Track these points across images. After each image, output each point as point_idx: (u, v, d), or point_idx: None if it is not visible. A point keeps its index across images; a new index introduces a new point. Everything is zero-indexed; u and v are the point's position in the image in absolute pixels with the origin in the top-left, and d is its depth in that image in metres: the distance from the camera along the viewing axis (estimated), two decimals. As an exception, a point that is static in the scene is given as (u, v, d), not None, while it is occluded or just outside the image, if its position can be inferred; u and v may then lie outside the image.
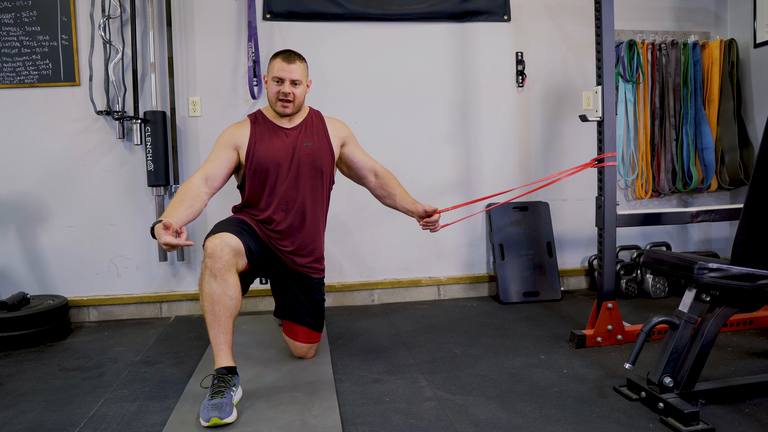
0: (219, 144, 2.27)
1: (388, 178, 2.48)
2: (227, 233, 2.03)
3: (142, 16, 3.09)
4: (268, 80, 2.28)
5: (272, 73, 2.23)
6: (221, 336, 1.98)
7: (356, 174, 2.50)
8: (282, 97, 2.22)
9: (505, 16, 3.38)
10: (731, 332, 2.61)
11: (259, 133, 2.26)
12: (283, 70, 2.21)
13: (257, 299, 3.25)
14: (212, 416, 1.76)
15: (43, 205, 3.09)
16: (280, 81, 2.22)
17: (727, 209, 2.68)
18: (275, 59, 2.24)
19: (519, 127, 3.45)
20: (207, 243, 2.00)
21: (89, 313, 3.14)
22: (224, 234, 2.02)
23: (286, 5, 3.18)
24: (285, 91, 2.21)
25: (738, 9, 3.57)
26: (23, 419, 1.91)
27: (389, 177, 2.49)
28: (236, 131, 2.28)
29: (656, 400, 1.81)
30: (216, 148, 2.26)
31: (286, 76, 2.21)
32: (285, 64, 2.21)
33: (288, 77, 2.21)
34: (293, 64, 2.22)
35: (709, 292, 1.82)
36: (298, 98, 2.25)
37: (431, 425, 1.79)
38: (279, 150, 2.25)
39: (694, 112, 3.52)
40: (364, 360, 2.39)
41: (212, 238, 2.00)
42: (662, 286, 3.30)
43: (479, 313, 3.07)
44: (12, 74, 3.01)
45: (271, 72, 2.25)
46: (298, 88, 2.24)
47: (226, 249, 1.98)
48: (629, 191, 3.59)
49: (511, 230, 3.38)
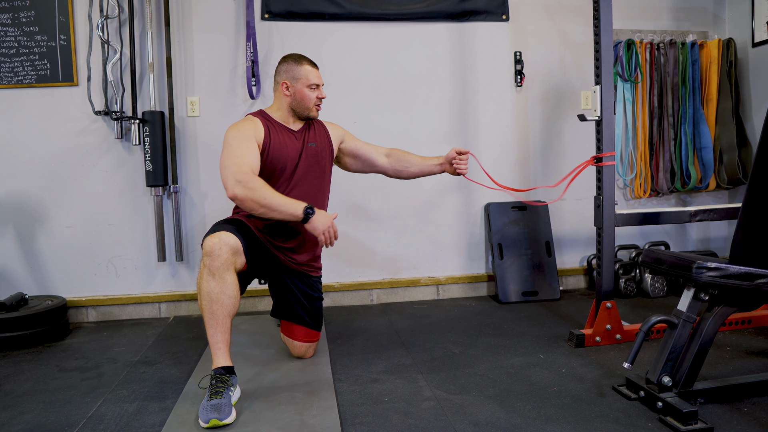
0: (243, 136, 2.19)
1: (398, 152, 2.57)
2: (226, 232, 2.03)
3: (140, 16, 3.08)
4: (296, 87, 2.29)
5: (308, 81, 2.30)
6: (219, 335, 1.98)
7: (367, 161, 2.56)
8: (319, 102, 2.35)
9: (504, 16, 3.38)
10: (730, 331, 2.62)
11: (273, 133, 2.28)
12: (318, 77, 2.34)
13: (256, 299, 3.25)
14: (211, 417, 1.76)
15: (42, 205, 3.08)
16: (316, 87, 2.32)
17: (726, 208, 2.69)
18: (303, 65, 2.30)
19: (518, 126, 3.45)
20: (205, 242, 2.00)
21: (88, 313, 3.14)
22: (223, 233, 2.02)
23: (284, 5, 3.18)
24: (322, 96, 2.35)
25: (736, 8, 3.57)
26: (22, 420, 1.90)
27: (399, 151, 2.58)
28: (255, 127, 2.25)
29: (655, 400, 1.81)
30: (241, 140, 2.17)
31: (321, 82, 2.35)
32: (316, 70, 2.34)
33: (321, 82, 2.35)
34: (318, 70, 2.35)
35: (707, 292, 1.83)
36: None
37: (430, 425, 1.79)
38: (291, 150, 2.29)
39: (693, 111, 3.52)
40: (363, 360, 2.39)
41: (211, 237, 2.00)
42: (661, 285, 3.30)
43: (478, 313, 3.07)
44: (10, 74, 3.01)
45: (302, 79, 2.29)
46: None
47: (224, 248, 1.98)
48: (628, 191, 3.60)
49: (510, 230, 3.38)
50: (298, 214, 2.05)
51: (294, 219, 2.06)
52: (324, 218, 2.09)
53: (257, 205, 2.02)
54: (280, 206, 2.04)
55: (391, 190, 3.33)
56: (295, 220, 2.07)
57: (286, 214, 2.05)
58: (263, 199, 2.02)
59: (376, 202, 3.34)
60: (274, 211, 2.04)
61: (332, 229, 2.11)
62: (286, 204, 2.05)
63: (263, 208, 2.03)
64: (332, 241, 2.12)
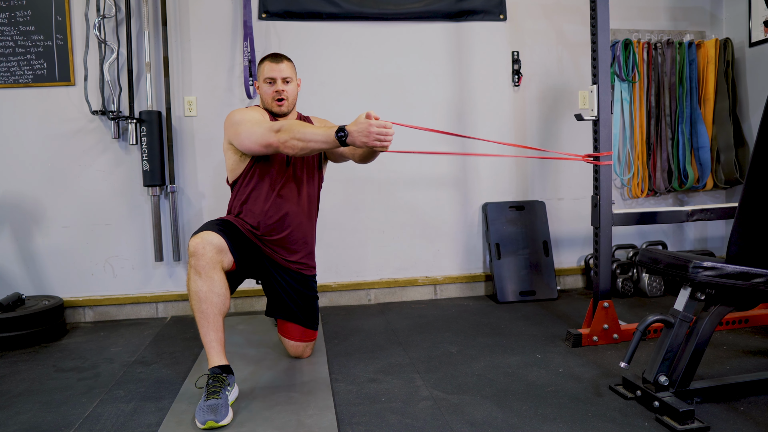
0: (254, 111, 2.25)
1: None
2: (209, 231, 2.05)
3: (137, 16, 3.08)
4: (260, 85, 2.34)
5: (263, 76, 2.31)
6: (211, 334, 1.98)
7: (339, 155, 2.43)
8: (277, 96, 2.29)
9: (501, 16, 3.38)
10: (726, 331, 2.62)
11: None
12: (273, 70, 2.29)
13: (253, 299, 3.24)
14: (208, 419, 1.76)
15: (38, 205, 3.08)
16: (272, 81, 2.29)
17: (723, 208, 2.69)
18: (263, 63, 2.33)
19: (515, 126, 3.45)
20: (190, 243, 2.02)
21: (85, 313, 3.14)
22: (205, 233, 2.03)
23: (281, 5, 3.18)
24: (279, 89, 2.29)
25: (733, 8, 3.58)
26: (18, 420, 1.90)
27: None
28: (262, 113, 2.29)
29: (651, 399, 1.81)
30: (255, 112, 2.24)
31: (277, 75, 2.29)
32: (274, 64, 2.30)
33: (279, 76, 2.29)
34: (281, 64, 2.31)
35: (704, 291, 1.83)
36: (291, 96, 2.33)
37: (427, 425, 1.79)
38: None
39: (690, 111, 3.53)
40: (360, 359, 2.39)
41: (194, 237, 2.03)
42: (658, 284, 3.30)
43: (475, 313, 3.07)
44: (6, 74, 3.00)
45: (261, 75, 2.32)
46: (289, 86, 2.32)
47: (208, 246, 1.99)
48: (625, 190, 3.60)
49: (508, 229, 3.38)
50: (332, 140, 1.94)
51: (333, 146, 1.98)
52: (361, 126, 1.88)
53: (298, 140, 2.00)
54: (316, 136, 1.98)
55: (388, 190, 3.33)
56: (334, 146, 1.98)
57: (321, 142, 1.98)
58: (302, 135, 1.99)
59: (374, 202, 3.34)
60: (311, 142, 1.99)
61: (377, 129, 1.87)
62: (321, 133, 1.98)
63: (302, 142, 2.00)
64: (387, 139, 1.90)
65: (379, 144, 1.89)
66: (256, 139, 2.10)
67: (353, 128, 1.90)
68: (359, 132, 1.89)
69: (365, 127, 1.88)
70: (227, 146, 2.30)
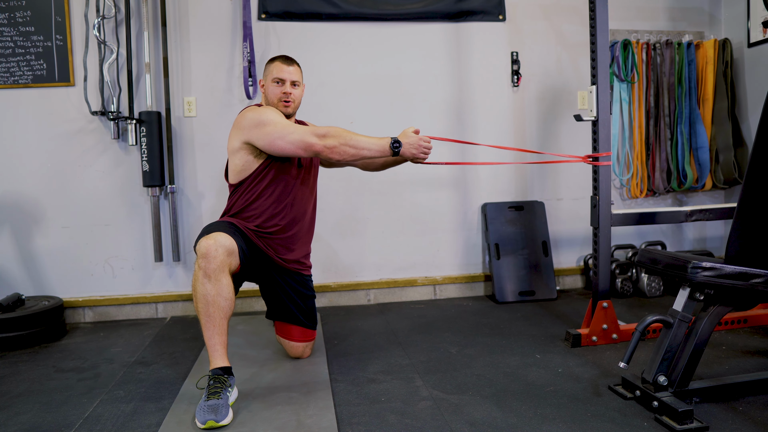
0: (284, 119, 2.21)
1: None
2: (221, 233, 2.02)
3: (136, 17, 3.08)
4: (266, 84, 2.32)
5: (272, 76, 2.29)
6: (216, 337, 1.97)
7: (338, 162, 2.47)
8: (284, 98, 2.29)
9: (500, 16, 3.38)
10: (725, 331, 2.63)
11: None
12: (284, 72, 2.29)
13: (252, 300, 3.24)
14: (208, 419, 1.76)
15: (38, 205, 3.08)
16: (281, 82, 2.29)
17: (722, 208, 2.70)
18: (274, 62, 2.32)
19: (514, 126, 3.46)
20: (200, 244, 1.99)
21: (84, 314, 3.14)
22: (217, 234, 2.01)
23: (281, 5, 3.18)
24: (287, 91, 2.29)
25: (732, 9, 3.58)
26: (18, 420, 1.90)
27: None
28: (282, 115, 2.26)
29: (651, 399, 1.82)
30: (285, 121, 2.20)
31: (287, 77, 2.29)
32: (284, 65, 2.30)
33: (288, 78, 2.29)
34: (292, 66, 2.31)
35: (703, 291, 1.83)
36: (297, 99, 2.34)
37: (427, 425, 1.79)
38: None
39: (689, 111, 3.53)
40: (360, 360, 2.39)
41: (205, 238, 2.00)
42: (657, 285, 3.31)
43: (475, 313, 3.07)
44: (6, 74, 3.00)
45: (270, 75, 2.31)
46: (297, 89, 2.32)
47: (220, 249, 1.98)
48: (624, 190, 3.61)
49: (507, 229, 3.38)
50: (386, 151, 2.10)
51: (384, 155, 2.12)
52: (412, 140, 2.12)
53: (351, 147, 2.08)
54: (370, 145, 2.10)
55: (388, 190, 3.33)
56: (384, 156, 2.12)
57: (376, 151, 2.10)
58: (356, 143, 2.08)
59: (373, 202, 3.34)
60: (364, 150, 2.09)
61: (425, 144, 2.14)
62: (375, 143, 2.10)
63: (354, 149, 2.08)
64: (429, 152, 2.17)
65: (423, 156, 2.16)
66: (293, 139, 2.10)
67: (405, 140, 2.11)
68: (410, 144, 2.12)
69: (416, 141, 2.13)
70: (241, 145, 2.22)
